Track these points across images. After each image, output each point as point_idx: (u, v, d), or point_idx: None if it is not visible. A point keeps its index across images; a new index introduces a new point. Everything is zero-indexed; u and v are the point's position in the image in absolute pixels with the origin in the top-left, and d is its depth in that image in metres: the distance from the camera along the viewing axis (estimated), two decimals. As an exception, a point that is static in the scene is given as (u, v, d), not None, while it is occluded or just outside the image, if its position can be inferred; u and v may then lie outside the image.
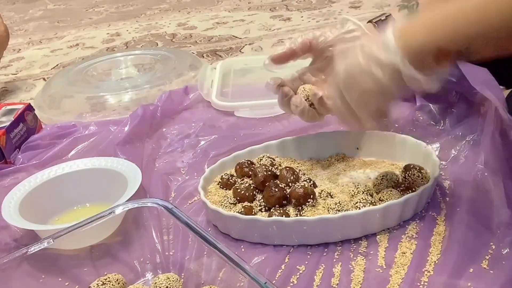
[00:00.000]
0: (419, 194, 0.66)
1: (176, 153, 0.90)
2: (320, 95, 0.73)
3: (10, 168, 0.88)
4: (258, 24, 1.59)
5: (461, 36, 0.55)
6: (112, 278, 0.58)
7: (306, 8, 1.69)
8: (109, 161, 0.79)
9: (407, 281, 0.58)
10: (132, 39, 1.60)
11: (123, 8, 2.00)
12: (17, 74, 1.41)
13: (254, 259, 0.64)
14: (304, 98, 0.75)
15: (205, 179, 0.75)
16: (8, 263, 0.56)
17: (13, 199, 0.73)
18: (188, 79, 1.15)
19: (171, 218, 0.59)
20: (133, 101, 1.09)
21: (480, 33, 0.54)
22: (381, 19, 0.75)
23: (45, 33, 1.77)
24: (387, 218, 0.66)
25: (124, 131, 0.93)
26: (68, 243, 0.63)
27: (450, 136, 0.80)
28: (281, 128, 0.94)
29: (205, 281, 0.59)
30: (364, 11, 1.58)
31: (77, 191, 0.77)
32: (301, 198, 0.68)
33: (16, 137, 0.93)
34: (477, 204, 0.67)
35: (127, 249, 0.66)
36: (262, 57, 1.27)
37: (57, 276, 0.63)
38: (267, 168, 0.73)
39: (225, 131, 0.95)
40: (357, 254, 0.63)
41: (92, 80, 1.21)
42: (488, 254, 0.60)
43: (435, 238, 0.64)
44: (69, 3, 2.17)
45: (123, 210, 0.62)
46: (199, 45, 1.47)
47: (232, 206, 0.70)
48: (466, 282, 0.57)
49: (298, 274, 0.61)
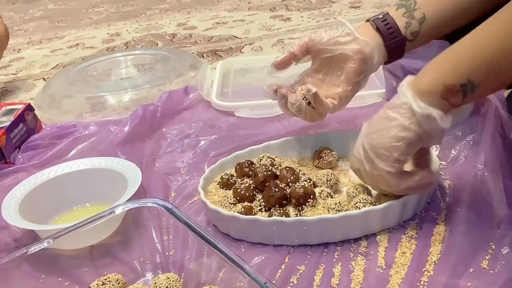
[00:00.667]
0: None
1: (176, 153, 0.90)
2: (314, 90, 0.74)
3: (10, 168, 0.88)
4: (258, 24, 1.59)
5: (460, 70, 0.59)
6: (112, 278, 0.58)
7: (306, 8, 1.69)
8: (109, 161, 0.79)
9: (407, 281, 0.58)
10: (132, 39, 1.60)
11: (123, 8, 2.00)
12: (17, 74, 1.41)
13: (254, 259, 0.64)
14: (301, 97, 0.75)
15: (205, 179, 0.75)
16: (8, 263, 0.56)
17: (13, 199, 0.72)
18: (188, 79, 1.15)
19: (171, 218, 0.59)
20: (133, 101, 1.09)
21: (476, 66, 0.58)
22: (378, 17, 0.75)
23: (45, 33, 1.77)
24: (387, 218, 0.66)
25: (124, 131, 0.93)
26: (68, 243, 0.62)
27: (450, 136, 0.80)
28: (281, 128, 0.94)
29: (205, 281, 0.59)
30: (364, 11, 1.59)
31: (77, 191, 0.77)
32: (301, 198, 0.68)
33: (16, 137, 0.93)
34: (477, 204, 0.67)
35: (127, 249, 0.66)
36: (262, 57, 1.28)
37: (57, 276, 0.63)
38: (267, 168, 0.73)
39: (225, 131, 0.95)
40: (357, 254, 0.63)
41: (92, 80, 1.21)
42: (488, 254, 0.60)
43: (435, 238, 0.64)
44: (69, 3, 2.17)
45: (123, 210, 0.62)
46: (199, 45, 1.47)
47: (232, 206, 0.70)
48: (466, 282, 0.57)
49: (298, 274, 0.61)
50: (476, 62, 0.58)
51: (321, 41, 0.76)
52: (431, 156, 0.68)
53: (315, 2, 1.75)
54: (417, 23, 0.74)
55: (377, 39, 0.75)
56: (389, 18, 0.75)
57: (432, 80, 0.60)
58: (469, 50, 0.59)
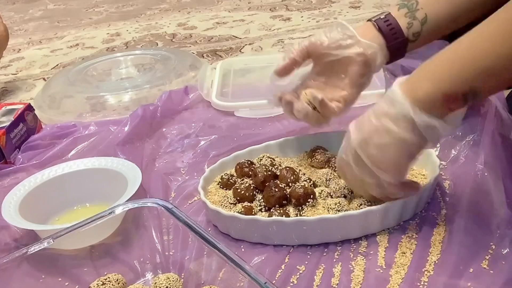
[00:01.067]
0: (419, 194, 0.66)
1: (176, 153, 0.90)
2: (320, 97, 0.73)
3: (10, 168, 0.88)
4: (258, 24, 1.59)
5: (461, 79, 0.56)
6: (112, 278, 0.58)
7: (306, 8, 1.69)
8: (109, 161, 0.79)
9: (407, 281, 0.58)
10: (132, 39, 1.60)
11: (123, 8, 2.00)
12: (17, 74, 1.41)
13: (254, 259, 0.64)
14: (306, 102, 0.75)
15: (205, 179, 0.75)
16: (8, 263, 0.56)
17: (13, 199, 0.72)
18: (188, 79, 1.15)
19: (171, 218, 0.59)
20: (133, 101, 1.09)
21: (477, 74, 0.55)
22: (380, 18, 0.75)
23: (45, 33, 1.77)
24: (387, 218, 0.66)
25: (124, 131, 0.93)
26: (68, 243, 0.62)
27: (450, 136, 0.80)
28: (281, 128, 0.94)
29: (205, 281, 0.59)
30: (364, 11, 1.58)
31: (77, 191, 0.77)
32: (301, 198, 0.68)
33: (16, 137, 0.93)
34: (477, 204, 0.67)
35: (127, 249, 0.66)
36: (262, 57, 1.28)
37: (57, 276, 0.63)
38: (267, 168, 0.73)
39: (225, 131, 0.95)
40: (357, 254, 0.63)
41: (92, 80, 1.21)
42: (488, 254, 0.60)
43: (435, 238, 0.64)
44: (69, 3, 2.17)
45: (123, 210, 0.62)
46: (199, 45, 1.47)
47: (232, 206, 0.70)
48: (466, 282, 0.57)
49: (298, 274, 0.61)
50: (477, 70, 0.55)
51: (323, 44, 0.75)
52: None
53: (315, 2, 1.75)
54: (419, 23, 0.74)
55: (379, 40, 0.75)
56: (391, 19, 0.74)
57: (430, 89, 0.58)
58: (468, 56, 0.56)
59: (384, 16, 0.75)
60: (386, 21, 0.74)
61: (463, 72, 0.56)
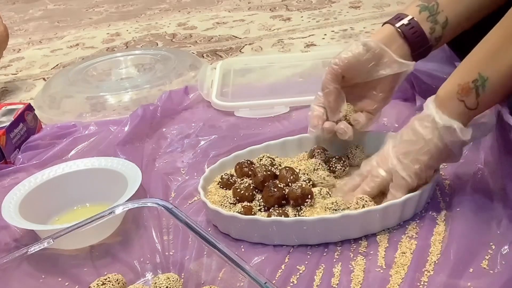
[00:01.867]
0: (419, 194, 0.66)
1: (176, 153, 0.90)
2: (362, 122, 0.75)
3: (10, 168, 0.88)
4: (258, 24, 1.59)
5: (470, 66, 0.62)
6: (112, 278, 0.58)
7: (306, 8, 1.69)
8: (109, 161, 0.79)
9: (407, 281, 0.58)
10: (132, 39, 1.60)
11: (123, 8, 2.00)
12: (17, 74, 1.41)
13: (254, 259, 0.64)
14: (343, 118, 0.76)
15: (205, 179, 0.75)
16: (8, 263, 0.56)
17: (13, 199, 0.73)
18: (188, 79, 1.15)
19: (171, 218, 0.59)
20: (133, 101, 1.09)
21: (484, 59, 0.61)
22: (404, 24, 0.71)
23: (45, 33, 1.77)
24: (387, 218, 0.66)
25: (124, 131, 0.93)
26: (68, 243, 0.63)
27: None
28: (281, 128, 0.94)
29: (205, 281, 0.59)
30: (364, 11, 1.58)
31: (77, 191, 0.78)
32: (299, 198, 0.68)
33: (16, 137, 0.93)
34: (477, 204, 0.67)
35: (127, 249, 0.66)
36: (262, 57, 1.28)
37: (57, 276, 0.63)
38: (267, 168, 0.73)
39: (225, 131, 0.95)
40: (357, 254, 0.63)
41: (92, 80, 1.21)
42: (488, 254, 0.60)
43: (435, 238, 0.64)
44: (69, 3, 2.17)
45: (123, 210, 0.62)
46: (199, 45, 1.47)
47: (232, 206, 0.70)
48: (466, 282, 0.57)
49: (298, 274, 0.61)
50: (484, 56, 0.61)
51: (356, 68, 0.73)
52: None
53: (315, 2, 1.75)
54: (440, 28, 0.71)
55: (405, 50, 0.72)
56: (416, 25, 0.71)
57: (448, 83, 0.63)
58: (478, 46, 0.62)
59: (407, 21, 0.71)
60: (412, 28, 0.71)
61: (471, 61, 0.62)
